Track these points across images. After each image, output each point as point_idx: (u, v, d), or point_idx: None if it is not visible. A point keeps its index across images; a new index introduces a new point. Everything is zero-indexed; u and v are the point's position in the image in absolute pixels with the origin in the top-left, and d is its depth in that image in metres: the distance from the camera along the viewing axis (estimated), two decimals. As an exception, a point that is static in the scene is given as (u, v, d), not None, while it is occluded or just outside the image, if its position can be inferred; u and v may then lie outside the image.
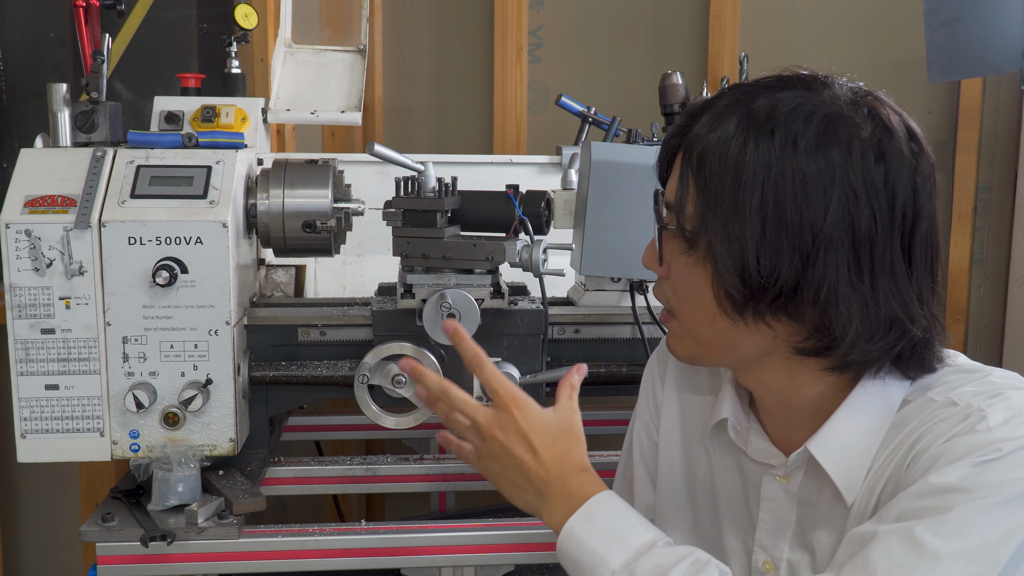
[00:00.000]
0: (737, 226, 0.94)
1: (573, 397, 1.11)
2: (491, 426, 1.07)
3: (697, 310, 1.02)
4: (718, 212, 0.96)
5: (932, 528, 0.88)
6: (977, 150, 2.60)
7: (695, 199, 0.98)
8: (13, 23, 2.51)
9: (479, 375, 1.09)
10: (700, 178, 0.97)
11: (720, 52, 2.63)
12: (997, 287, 2.66)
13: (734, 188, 0.94)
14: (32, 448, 1.59)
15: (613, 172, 1.66)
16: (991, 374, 1.00)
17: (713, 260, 0.97)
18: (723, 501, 1.16)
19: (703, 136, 0.98)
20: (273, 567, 1.56)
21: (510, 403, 1.06)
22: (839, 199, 0.93)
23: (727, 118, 0.97)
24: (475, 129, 2.75)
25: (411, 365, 1.13)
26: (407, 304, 1.66)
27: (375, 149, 1.62)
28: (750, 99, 0.97)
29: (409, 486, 1.88)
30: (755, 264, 0.94)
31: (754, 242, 0.94)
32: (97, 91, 1.72)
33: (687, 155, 1.00)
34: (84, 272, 1.56)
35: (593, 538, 1.01)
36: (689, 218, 0.99)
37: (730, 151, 0.95)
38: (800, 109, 0.95)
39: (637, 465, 1.28)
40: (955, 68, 2.25)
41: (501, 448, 1.06)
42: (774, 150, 0.94)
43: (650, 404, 1.27)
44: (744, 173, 0.94)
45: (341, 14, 2.68)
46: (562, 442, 1.07)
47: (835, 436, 1.02)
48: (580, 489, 1.04)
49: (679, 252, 1.02)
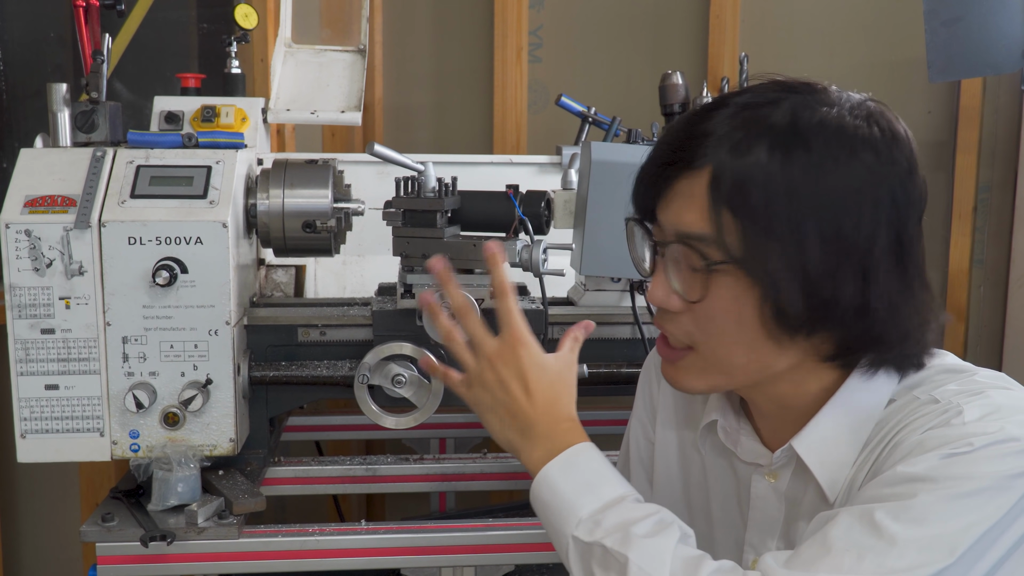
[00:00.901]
0: (796, 247, 0.93)
1: (574, 349, 1.11)
2: (494, 357, 1.07)
3: (734, 339, 0.99)
4: (773, 237, 0.93)
5: (892, 513, 0.89)
6: (977, 150, 2.60)
7: (736, 227, 0.94)
8: (13, 23, 2.51)
9: (499, 302, 1.07)
10: (744, 206, 0.94)
11: (720, 52, 2.63)
12: (997, 287, 2.66)
13: (789, 210, 0.93)
14: (32, 448, 1.59)
15: (613, 172, 1.66)
16: (976, 374, 1.01)
17: (770, 284, 0.94)
18: (716, 501, 1.17)
19: (730, 163, 0.94)
20: (273, 567, 1.56)
21: (518, 339, 1.06)
22: (885, 206, 0.94)
23: (751, 140, 0.94)
24: (475, 129, 2.75)
25: (442, 265, 1.09)
26: (407, 304, 1.66)
27: (375, 149, 1.62)
28: (763, 115, 0.95)
29: (409, 486, 1.88)
30: (818, 282, 0.93)
31: (817, 262, 0.93)
32: (97, 91, 1.72)
33: (716, 185, 0.95)
34: (84, 272, 1.56)
35: (567, 485, 1.01)
36: (733, 247, 0.95)
37: (773, 174, 0.93)
38: (823, 119, 0.94)
39: (634, 464, 1.28)
40: (955, 68, 2.25)
41: (497, 380, 1.07)
42: (815, 164, 0.93)
43: (646, 404, 1.27)
44: (796, 193, 0.93)
45: (341, 14, 2.68)
46: (555, 388, 1.07)
47: (819, 434, 1.03)
48: (564, 436, 1.05)
49: (715, 283, 0.97)
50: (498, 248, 1.08)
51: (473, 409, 1.11)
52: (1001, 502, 0.89)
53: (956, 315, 2.64)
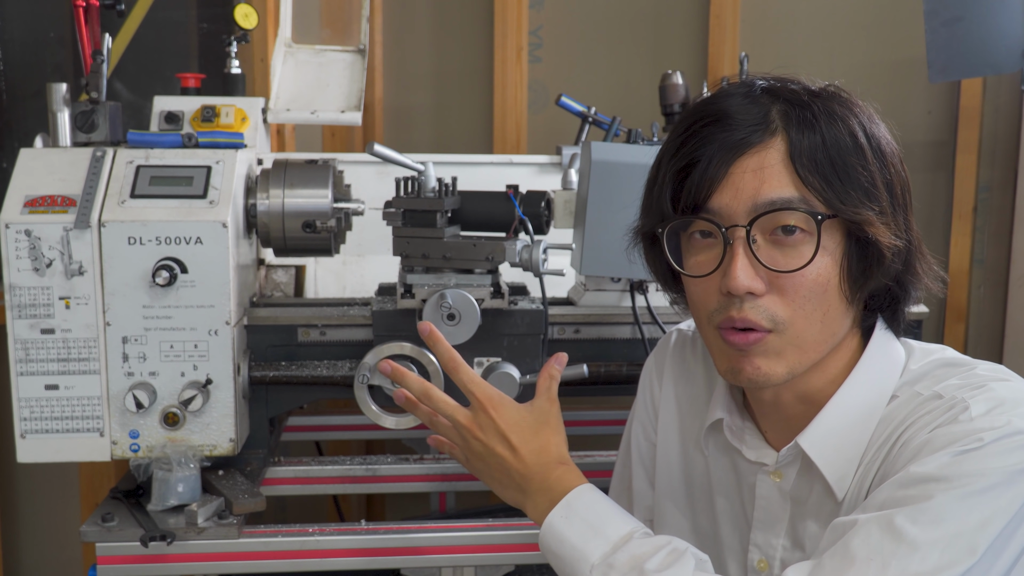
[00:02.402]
0: (875, 200, 0.99)
1: (552, 388, 1.13)
2: (471, 426, 1.09)
3: (814, 308, 0.99)
4: (855, 191, 0.98)
5: (911, 516, 0.89)
6: (977, 150, 2.60)
7: (821, 188, 0.97)
8: (13, 23, 2.51)
9: (454, 377, 1.11)
10: (824, 173, 0.98)
11: (720, 52, 2.63)
12: (997, 287, 2.66)
13: (862, 164, 0.98)
14: (32, 448, 1.59)
15: (613, 172, 1.66)
16: (976, 367, 1.02)
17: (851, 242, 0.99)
18: (720, 501, 1.17)
19: (800, 140, 0.98)
20: (273, 567, 1.56)
21: (486, 403, 1.09)
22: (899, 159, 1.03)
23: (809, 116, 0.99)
24: (475, 129, 2.75)
25: (391, 367, 1.14)
26: (407, 304, 1.66)
27: (375, 149, 1.62)
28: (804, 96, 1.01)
29: (409, 486, 1.88)
30: (892, 229, 0.99)
31: (886, 210, 0.99)
32: (97, 91, 1.72)
33: (796, 153, 0.97)
34: (84, 272, 1.56)
35: (572, 532, 1.02)
36: (818, 207, 0.97)
37: (841, 140, 0.99)
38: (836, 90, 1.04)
39: (635, 466, 1.28)
40: (955, 68, 2.25)
41: (483, 447, 1.09)
42: (867, 124, 1.01)
43: (648, 405, 1.27)
44: (866, 151, 0.99)
45: (341, 14, 2.68)
46: (540, 437, 1.09)
47: (824, 430, 1.03)
48: (559, 483, 1.06)
49: (804, 249, 0.98)
50: (432, 326, 1.12)
51: (478, 478, 1.13)
52: (1014, 495, 0.90)
53: (956, 315, 2.64)
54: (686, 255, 1.05)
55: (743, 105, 1.00)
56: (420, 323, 1.13)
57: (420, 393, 1.12)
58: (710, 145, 0.99)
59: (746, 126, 0.98)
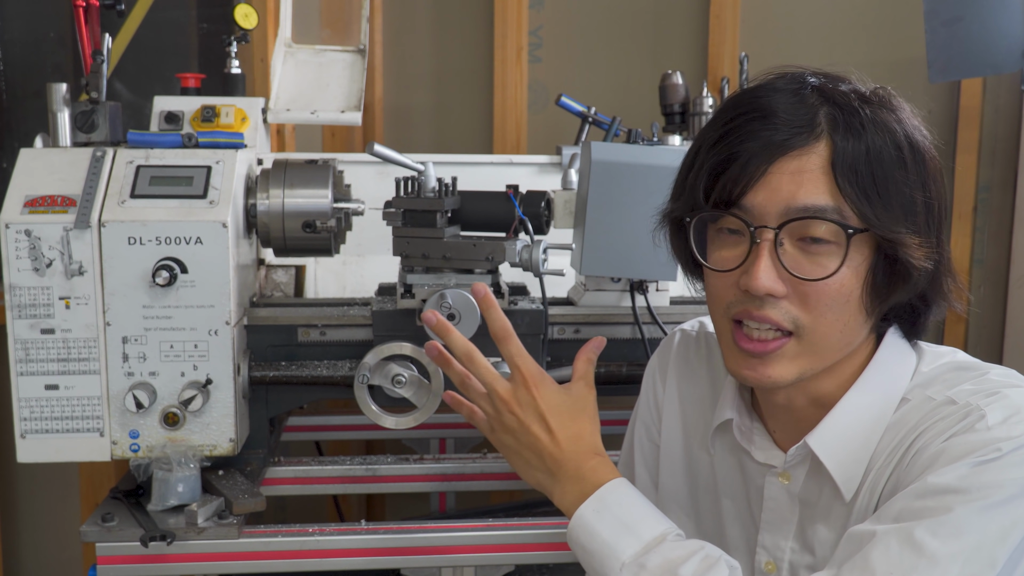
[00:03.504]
0: (909, 215, 0.97)
1: (590, 373, 1.11)
2: (510, 400, 1.07)
3: (837, 316, 0.98)
4: (891, 206, 0.96)
5: (931, 529, 0.88)
6: (977, 150, 2.60)
7: (857, 199, 0.95)
8: (13, 23, 2.51)
9: (504, 347, 1.08)
10: (864, 186, 0.95)
11: (720, 52, 2.63)
12: (997, 287, 2.66)
13: (902, 179, 0.97)
14: (32, 448, 1.59)
15: (613, 172, 1.66)
16: (989, 372, 1.01)
17: (889, 250, 0.97)
18: (725, 502, 1.16)
19: (844, 148, 0.95)
20: (273, 567, 1.56)
21: (530, 380, 1.07)
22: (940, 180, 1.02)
23: (854, 119, 0.96)
24: (475, 129, 2.75)
25: (436, 318, 1.10)
26: (407, 304, 1.66)
27: (375, 149, 1.62)
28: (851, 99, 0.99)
29: (409, 486, 1.88)
30: (924, 248, 0.98)
31: (921, 227, 0.98)
32: (97, 91, 1.72)
33: (840, 161, 0.95)
34: (84, 272, 1.56)
35: (604, 528, 1.01)
36: (851, 219, 0.96)
37: (884, 154, 0.96)
38: (887, 95, 1.01)
39: (638, 467, 1.27)
40: (955, 68, 2.25)
41: (518, 423, 1.07)
42: (911, 143, 0.99)
43: (651, 405, 1.27)
44: (905, 164, 0.97)
45: (341, 14, 2.68)
46: (577, 423, 1.07)
47: (834, 431, 1.02)
48: (593, 474, 1.04)
49: (830, 258, 0.97)
50: (488, 290, 1.09)
51: (501, 452, 1.11)
52: None
53: (956, 315, 2.64)
54: (711, 247, 1.04)
55: (791, 104, 0.97)
56: (474, 285, 1.09)
57: (463, 354, 1.09)
58: (751, 142, 0.97)
59: (791, 127, 0.96)
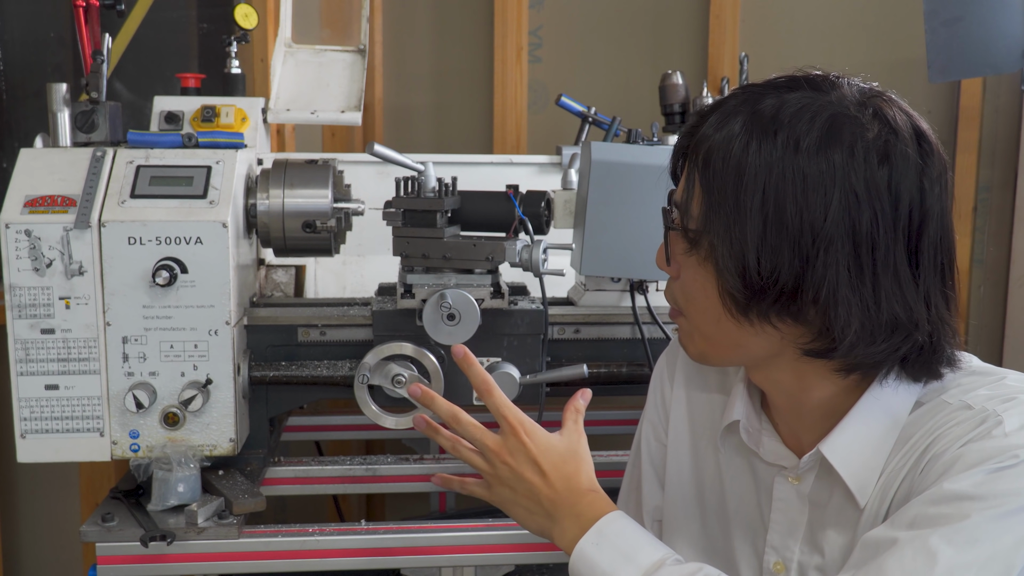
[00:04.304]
0: (738, 227, 0.94)
1: (578, 421, 1.12)
2: (500, 451, 1.08)
3: (703, 309, 1.02)
4: (721, 213, 0.96)
5: (946, 537, 0.88)
6: (977, 150, 2.60)
7: (700, 199, 0.99)
8: (13, 23, 2.51)
9: (487, 400, 1.10)
10: (705, 178, 0.97)
11: (720, 52, 2.63)
12: (997, 287, 2.66)
13: (736, 188, 0.94)
14: (32, 448, 1.59)
15: (613, 172, 1.66)
16: (1005, 377, 1.00)
17: (715, 261, 0.97)
18: (732, 502, 1.16)
19: (709, 136, 0.98)
20: (273, 567, 1.56)
21: (518, 428, 1.08)
22: (840, 200, 0.92)
23: (733, 118, 0.97)
24: (475, 129, 2.75)
25: (421, 390, 1.12)
26: (407, 304, 1.66)
27: (375, 149, 1.62)
28: (757, 99, 0.97)
29: (409, 486, 1.88)
30: (755, 265, 0.94)
31: (755, 243, 0.94)
32: (97, 91, 1.72)
33: (693, 155, 1.00)
34: (84, 272, 1.56)
35: (603, 558, 1.01)
36: (694, 218, 0.99)
37: (733, 151, 0.95)
38: (805, 110, 0.95)
39: (645, 467, 1.27)
40: (955, 68, 2.25)
41: (511, 472, 1.08)
42: (775, 151, 0.93)
43: (658, 406, 1.27)
44: (746, 174, 0.94)
45: (341, 14, 2.68)
46: (569, 464, 1.08)
47: (847, 438, 1.01)
48: (590, 509, 1.05)
49: (684, 252, 1.02)
50: (466, 350, 1.10)
51: (500, 508, 1.11)
52: None
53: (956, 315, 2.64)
54: None
55: (718, 102, 1.03)
56: (455, 348, 1.10)
57: (448, 417, 1.10)
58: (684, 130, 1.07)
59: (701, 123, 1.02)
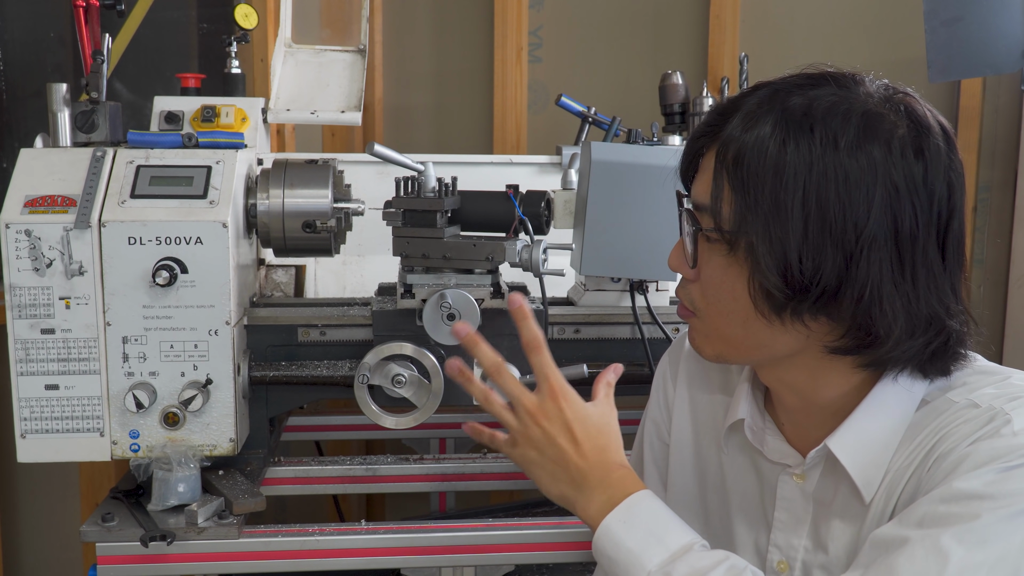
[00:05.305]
0: (779, 226, 0.94)
1: (610, 395, 1.12)
2: (536, 413, 1.07)
3: (730, 311, 1.01)
4: (759, 212, 0.94)
5: (957, 536, 0.88)
6: (977, 150, 2.60)
7: (732, 200, 0.97)
8: (13, 23, 2.51)
9: (534, 358, 1.08)
10: (737, 179, 0.96)
11: (720, 52, 2.63)
12: (997, 287, 2.66)
13: (775, 188, 0.93)
14: (32, 448, 1.59)
15: (613, 172, 1.66)
16: (1011, 376, 1.01)
17: (754, 261, 0.96)
18: (735, 501, 1.16)
19: (738, 136, 0.97)
20: (273, 567, 1.56)
21: (558, 392, 1.07)
22: (882, 197, 0.92)
23: (762, 117, 0.96)
24: (475, 129, 2.75)
25: (466, 332, 1.09)
26: (407, 304, 1.66)
27: (375, 149, 1.62)
28: (784, 97, 0.96)
29: (409, 486, 1.88)
30: (798, 264, 0.93)
31: (797, 242, 0.93)
32: (97, 91, 1.72)
33: (721, 156, 0.98)
34: (84, 272, 1.56)
35: (631, 536, 1.01)
36: (726, 219, 0.98)
37: (769, 151, 0.94)
38: (837, 107, 0.94)
39: (648, 466, 1.27)
40: (955, 68, 2.25)
41: (543, 435, 1.06)
42: (815, 149, 0.93)
43: (661, 405, 1.27)
44: (785, 173, 0.93)
45: (341, 14, 2.68)
46: (603, 436, 1.07)
47: (855, 434, 1.02)
48: (619, 484, 1.04)
49: (713, 254, 1.00)
50: (524, 301, 1.08)
51: (521, 467, 1.10)
52: None
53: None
54: None
55: (734, 100, 1.03)
56: (511, 296, 1.07)
57: (491, 366, 1.08)
58: (695, 130, 1.07)
59: (718, 121, 1.03)
